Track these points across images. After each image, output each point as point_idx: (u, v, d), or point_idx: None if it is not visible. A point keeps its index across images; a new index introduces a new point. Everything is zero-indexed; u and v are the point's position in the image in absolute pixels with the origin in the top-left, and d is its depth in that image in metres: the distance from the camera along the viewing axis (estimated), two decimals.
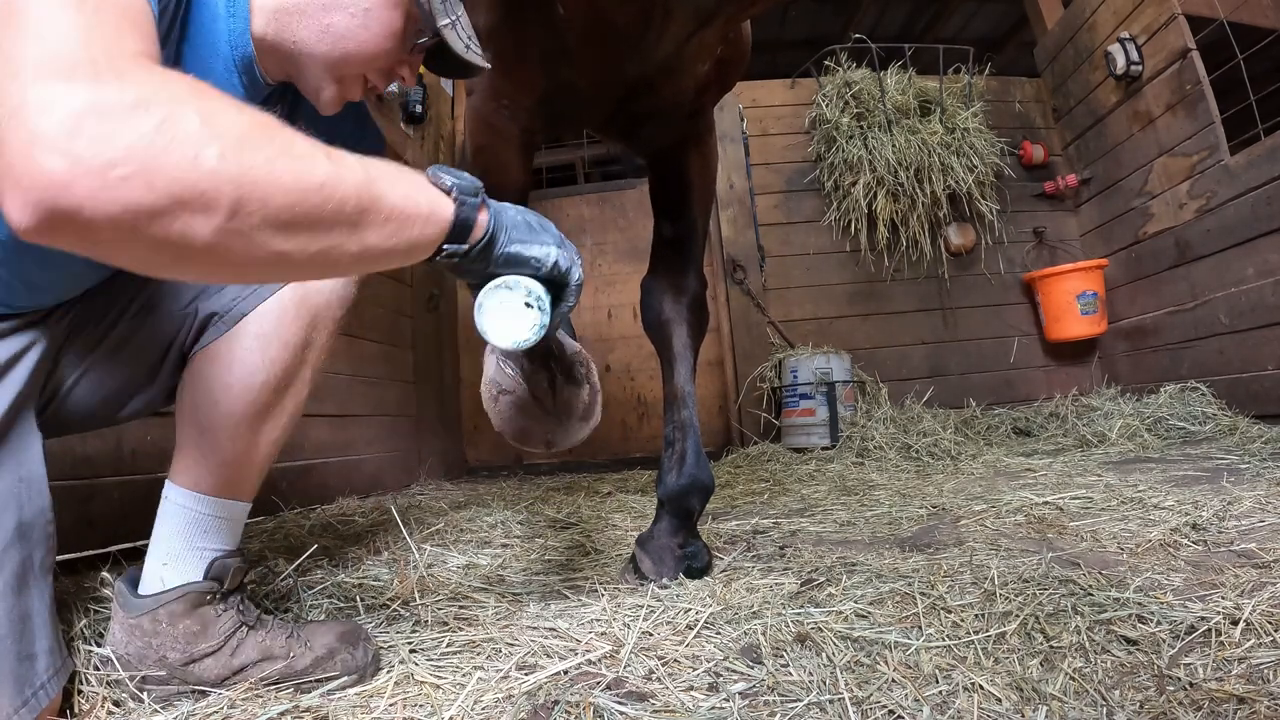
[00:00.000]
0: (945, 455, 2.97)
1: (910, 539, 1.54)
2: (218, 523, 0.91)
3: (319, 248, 0.59)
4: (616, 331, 4.30)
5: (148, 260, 0.55)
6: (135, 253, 0.54)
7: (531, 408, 1.10)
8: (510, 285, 0.81)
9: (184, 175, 0.50)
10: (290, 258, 0.58)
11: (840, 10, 5.51)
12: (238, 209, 0.53)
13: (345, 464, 2.78)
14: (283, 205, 0.55)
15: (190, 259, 0.54)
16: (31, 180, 0.47)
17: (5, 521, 0.75)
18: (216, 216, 0.52)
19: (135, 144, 0.49)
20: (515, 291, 0.81)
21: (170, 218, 0.51)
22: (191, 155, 0.51)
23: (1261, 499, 1.52)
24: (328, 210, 0.58)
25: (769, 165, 4.24)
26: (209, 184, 0.51)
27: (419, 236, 0.68)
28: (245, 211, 0.53)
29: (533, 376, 1.12)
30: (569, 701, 0.79)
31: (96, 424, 0.98)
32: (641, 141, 1.53)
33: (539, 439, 1.09)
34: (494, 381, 1.10)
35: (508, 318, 0.81)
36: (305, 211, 0.57)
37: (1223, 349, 3.11)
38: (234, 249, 0.54)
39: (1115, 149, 3.74)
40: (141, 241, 0.51)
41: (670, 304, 1.45)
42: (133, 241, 0.51)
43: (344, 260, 0.62)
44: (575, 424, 1.10)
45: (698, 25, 1.21)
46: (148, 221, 0.50)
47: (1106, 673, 0.79)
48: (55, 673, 0.77)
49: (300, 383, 0.96)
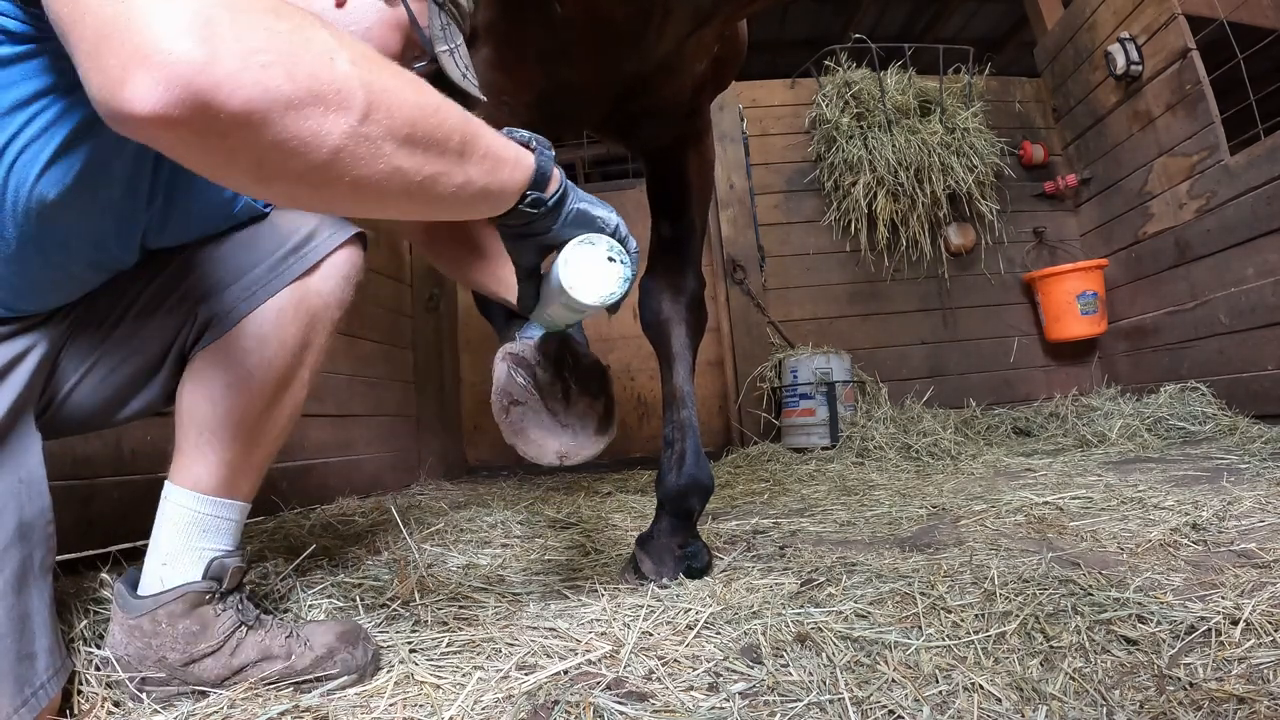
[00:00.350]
0: (945, 455, 2.97)
1: (910, 539, 1.54)
2: (217, 522, 0.91)
3: (430, 172, 0.61)
4: (617, 331, 4.30)
5: (263, 164, 0.53)
6: (256, 153, 0.52)
7: (545, 420, 1.06)
8: (592, 241, 0.81)
9: (321, 72, 0.51)
10: (404, 176, 0.58)
11: (840, 10, 5.51)
12: (369, 113, 0.54)
13: (345, 464, 2.78)
14: (406, 119, 0.57)
15: (312, 165, 0.53)
16: (166, 59, 0.46)
17: (5, 522, 0.75)
18: (350, 116, 0.53)
19: (274, 37, 0.49)
20: (597, 247, 0.81)
21: (306, 111, 0.51)
22: (327, 58, 0.52)
23: (1261, 499, 1.52)
24: (440, 134, 0.60)
25: (769, 165, 4.24)
26: (344, 84, 0.52)
27: (508, 180, 0.71)
28: (374, 118, 0.54)
29: (547, 386, 1.08)
30: (569, 701, 0.79)
31: (97, 425, 0.98)
32: (639, 141, 1.54)
33: (552, 452, 1.06)
34: (505, 391, 1.06)
35: (593, 272, 0.81)
36: (424, 131, 0.58)
37: (1223, 349, 3.11)
38: (359, 156, 0.54)
39: (1115, 149, 3.74)
40: (268, 137, 0.50)
41: (669, 303, 1.45)
42: (260, 136, 0.50)
43: (446, 191, 0.63)
44: (591, 437, 1.06)
45: (697, 24, 1.20)
46: (283, 112, 0.50)
47: (1106, 673, 0.79)
48: (55, 673, 0.77)
49: (298, 383, 0.96)
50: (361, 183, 0.57)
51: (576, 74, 1.26)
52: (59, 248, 0.78)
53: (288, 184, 0.56)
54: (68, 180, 0.71)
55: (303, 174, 0.54)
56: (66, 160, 0.70)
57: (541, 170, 0.75)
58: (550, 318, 0.94)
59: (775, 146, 4.26)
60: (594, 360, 1.12)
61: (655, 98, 1.37)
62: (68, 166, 0.71)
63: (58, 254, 0.79)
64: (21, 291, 0.81)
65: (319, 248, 0.95)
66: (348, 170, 0.55)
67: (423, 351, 3.67)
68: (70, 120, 0.69)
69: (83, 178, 0.72)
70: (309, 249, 0.94)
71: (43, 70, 0.67)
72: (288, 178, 0.55)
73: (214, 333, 0.91)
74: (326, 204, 0.62)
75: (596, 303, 0.82)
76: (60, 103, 0.68)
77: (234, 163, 0.52)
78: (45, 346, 0.85)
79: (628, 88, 1.32)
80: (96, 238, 0.82)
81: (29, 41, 0.66)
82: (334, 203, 0.61)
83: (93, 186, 0.74)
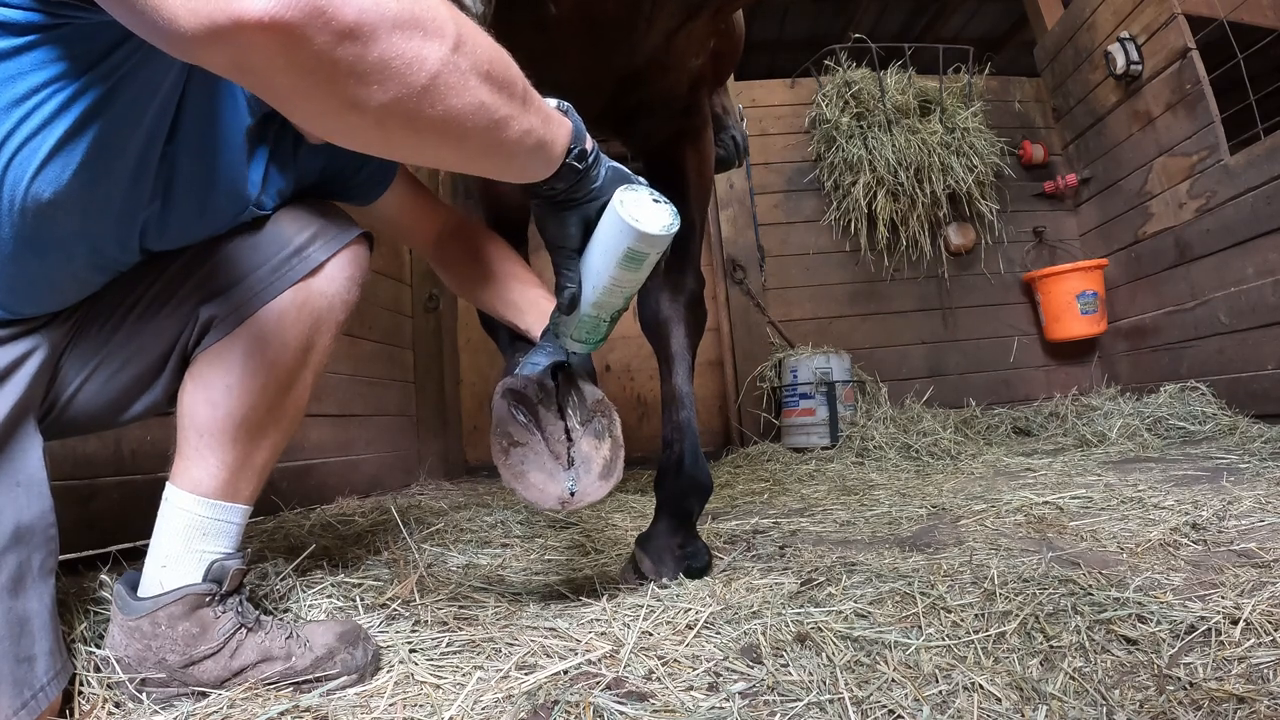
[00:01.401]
0: (945, 455, 2.97)
1: (910, 539, 1.54)
2: (217, 525, 0.90)
3: (505, 113, 0.64)
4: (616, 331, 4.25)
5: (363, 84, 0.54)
6: (358, 71, 0.53)
7: (547, 462, 1.01)
8: (635, 186, 0.86)
9: (418, 2, 0.54)
10: (487, 112, 0.62)
11: (840, 10, 5.51)
12: (460, 44, 0.57)
13: (345, 464, 2.78)
14: (488, 57, 0.61)
15: (411, 90, 0.55)
16: None
17: (3, 524, 0.74)
18: (445, 44, 0.56)
19: None
20: (641, 191, 0.86)
21: (409, 33, 0.53)
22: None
23: (1261, 498, 1.52)
24: (510, 76, 0.64)
25: (769, 165, 4.24)
26: (439, 15, 0.56)
27: (558, 133, 0.75)
28: (465, 49, 0.58)
29: (549, 426, 1.03)
30: (569, 701, 0.79)
31: (101, 426, 0.98)
32: (636, 137, 1.52)
33: (554, 498, 0.98)
34: (505, 432, 0.99)
35: (648, 209, 0.85)
36: (500, 70, 0.63)
37: (1222, 348, 3.11)
38: (451, 85, 0.57)
39: (1115, 149, 3.74)
40: (374, 54, 0.52)
41: (668, 303, 1.44)
42: (367, 51, 0.52)
43: (512, 135, 0.67)
44: (595, 482, 0.99)
45: (686, 16, 1.19)
46: (390, 30, 0.52)
47: (1106, 672, 0.79)
48: (55, 675, 0.77)
49: (301, 385, 0.95)
50: (450, 115, 0.59)
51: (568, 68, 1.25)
52: (56, 246, 0.77)
53: (382, 113, 0.56)
54: (64, 178, 0.70)
55: (399, 100, 0.56)
56: (63, 157, 0.70)
57: (578, 130, 0.79)
58: (601, 292, 0.92)
59: (775, 146, 4.27)
60: (600, 398, 1.07)
61: (649, 93, 1.36)
62: (64, 164, 0.70)
63: (55, 253, 0.78)
64: (21, 293, 0.81)
65: (323, 249, 0.94)
66: (440, 99, 0.57)
67: (423, 351, 3.67)
68: (68, 117, 0.68)
69: (80, 175, 0.71)
70: (312, 250, 0.93)
71: (41, 64, 0.66)
72: (385, 103, 0.56)
73: (215, 334, 0.91)
74: (414, 137, 0.61)
75: (662, 232, 0.84)
76: (57, 98, 0.67)
77: (334, 80, 0.53)
78: (47, 350, 0.85)
79: (620, 83, 1.31)
80: (94, 238, 0.81)
81: (30, 32, 0.65)
82: (422, 136, 0.61)
83: (90, 185, 0.73)
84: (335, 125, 0.60)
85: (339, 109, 0.56)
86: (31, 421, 0.82)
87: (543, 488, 0.99)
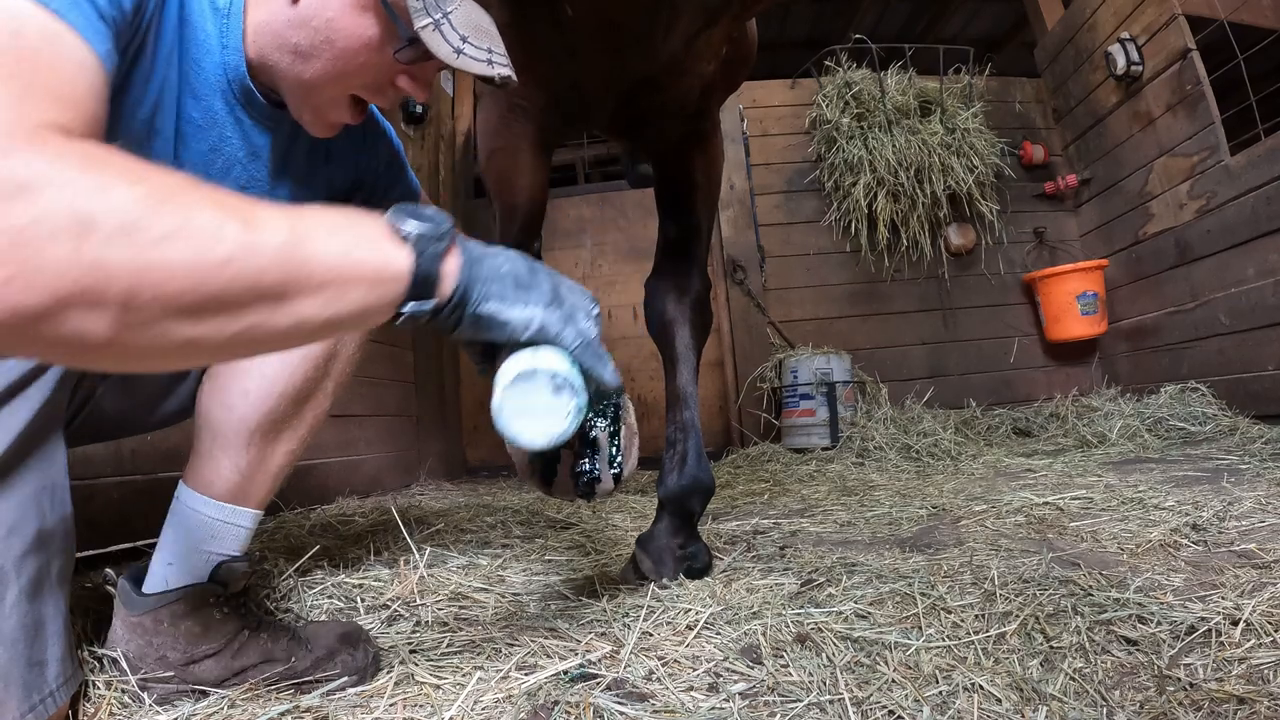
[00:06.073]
0: (945, 455, 2.97)
1: (910, 539, 1.54)
2: (226, 529, 0.90)
3: (237, 329, 0.51)
4: (616, 332, 4.29)
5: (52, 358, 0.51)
6: (34, 351, 0.49)
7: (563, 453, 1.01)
8: (525, 376, 0.68)
9: (67, 271, 0.44)
10: (205, 343, 0.51)
11: (840, 10, 5.51)
12: (130, 301, 0.46)
13: (345, 464, 2.78)
14: (182, 289, 0.48)
15: (95, 355, 0.48)
16: None
17: (26, 528, 0.74)
18: (109, 312, 0.46)
19: (14, 240, 0.42)
20: (535, 381, 0.68)
21: (60, 319, 0.45)
22: (72, 247, 0.44)
23: (1261, 499, 1.52)
24: (238, 288, 0.50)
25: (769, 165, 4.24)
26: (93, 279, 0.44)
27: (367, 300, 0.58)
28: (139, 303, 0.46)
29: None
30: (569, 701, 0.79)
31: (129, 431, 0.98)
32: (647, 140, 1.53)
33: (565, 489, 0.99)
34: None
35: (537, 414, 0.69)
36: (211, 293, 0.49)
37: (1223, 349, 3.11)
38: (137, 342, 0.48)
39: (1115, 149, 3.74)
40: (39, 343, 0.46)
41: (674, 304, 1.45)
42: (28, 343, 0.46)
43: (273, 337, 0.54)
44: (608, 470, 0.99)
45: (705, 23, 1.20)
46: (34, 325, 0.44)
47: (1106, 673, 0.79)
48: (65, 681, 0.77)
49: (322, 395, 0.94)
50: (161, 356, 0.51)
51: (585, 74, 1.26)
52: None
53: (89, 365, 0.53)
54: None
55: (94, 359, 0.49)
56: None
57: (422, 276, 0.61)
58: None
59: (775, 147, 4.27)
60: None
61: (662, 97, 1.37)
62: None
63: None
64: None
65: None
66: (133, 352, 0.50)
67: (423, 351, 3.67)
68: None
69: None
70: None
71: None
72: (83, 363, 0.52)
73: None
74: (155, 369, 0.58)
75: (546, 445, 0.70)
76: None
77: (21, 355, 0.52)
78: None
79: (635, 87, 1.32)
80: None
81: None
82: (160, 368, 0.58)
83: None
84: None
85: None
86: (59, 425, 0.81)
87: (561, 478, 1.00)
